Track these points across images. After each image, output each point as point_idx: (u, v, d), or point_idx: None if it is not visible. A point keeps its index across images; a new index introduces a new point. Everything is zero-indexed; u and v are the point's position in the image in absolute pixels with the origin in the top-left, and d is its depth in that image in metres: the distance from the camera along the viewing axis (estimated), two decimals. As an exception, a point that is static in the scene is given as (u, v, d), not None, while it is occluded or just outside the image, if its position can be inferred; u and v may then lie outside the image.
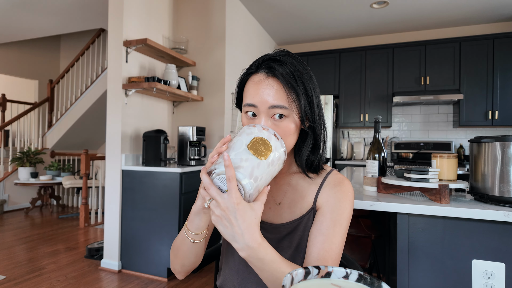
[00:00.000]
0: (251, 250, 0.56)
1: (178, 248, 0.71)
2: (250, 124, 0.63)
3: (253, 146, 0.59)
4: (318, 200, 0.73)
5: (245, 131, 0.62)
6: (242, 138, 0.60)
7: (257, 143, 0.59)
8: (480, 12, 3.56)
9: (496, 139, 0.97)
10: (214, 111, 3.02)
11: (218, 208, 0.56)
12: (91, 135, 5.52)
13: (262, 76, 0.68)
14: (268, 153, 0.59)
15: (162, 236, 2.40)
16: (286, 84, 0.66)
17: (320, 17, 3.76)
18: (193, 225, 0.66)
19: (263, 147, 0.59)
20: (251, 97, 0.68)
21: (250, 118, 0.69)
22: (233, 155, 0.58)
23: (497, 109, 3.52)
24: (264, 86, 0.67)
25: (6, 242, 3.23)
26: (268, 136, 0.61)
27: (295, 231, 0.73)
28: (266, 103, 0.66)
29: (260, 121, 0.67)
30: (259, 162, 0.58)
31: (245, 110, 0.70)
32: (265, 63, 0.69)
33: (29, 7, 3.80)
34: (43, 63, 6.21)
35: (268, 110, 0.66)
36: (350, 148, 4.16)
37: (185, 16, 3.17)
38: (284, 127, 0.67)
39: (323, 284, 0.41)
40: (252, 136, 0.60)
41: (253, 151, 0.58)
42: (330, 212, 0.70)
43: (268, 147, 0.60)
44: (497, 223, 0.93)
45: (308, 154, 0.73)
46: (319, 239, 0.67)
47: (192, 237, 0.67)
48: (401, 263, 1.02)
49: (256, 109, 0.67)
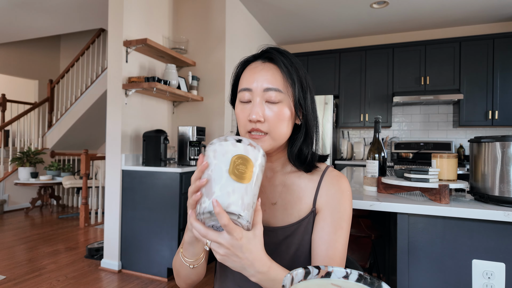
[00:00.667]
0: (262, 275, 0.55)
1: (178, 270, 0.70)
2: (221, 138, 0.57)
3: (233, 170, 0.54)
4: (318, 202, 0.71)
5: (219, 150, 0.55)
6: (219, 162, 0.54)
7: (236, 164, 0.54)
8: (480, 12, 3.56)
9: (496, 139, 0.97)
10: (214, 111, 3.02)
11: (221, 248, 0.54)
12: (91, 135, 5.52)
13: (258, 63, 0.69)
14: (250, 171, 0.55)
15: (162, 236, 2.40)
16: (283, 68, 0.67)
17: (320, 17, 3.76)
18: (189, 253, 0.64)
19: (244, 166, 0.55)
20: (247, 82, 0.67)
21: (245, 106, 0.68)
22: (218, 191, 0.53)
23: (497, 109, 3.52)
24: (260, 70, 0.67)
25: (6, 242, 3.23)
26: (245, 150, 0.56)
27: (294, 235, 0.71)
28: (260, 86, 0.65)
29: (254, 105, 0.65)
30: (246, 187, 0.54)
31: (240, 98, 0.68)
32: (261, 52, 0.70)
33: (29, 7, 3.80)
34: (43, 63, 6.21)
35: (263, 93, 0.65)
36: (350, 148, 4.16)
37: (185, 16, 3.17)
38: (278, 111, 0.66)
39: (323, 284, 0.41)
40: (229, 157, 0.54)
41: (235, 176, 0.54)
42: (330, 215, 0.69)
43: (249, 164, 0.55)
44: (497, 223, 0.93)
45: (300, 146, 0.72)
46: (322, 247, 0.67)
47: (190, 263, 0.65)
48: (401, 263, 1.02)
49: (251, 93, 0.66)
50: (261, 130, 0.66)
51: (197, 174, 0.55)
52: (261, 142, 0.66)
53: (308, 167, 0.73)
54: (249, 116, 0.66)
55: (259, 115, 0.65)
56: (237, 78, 0.73)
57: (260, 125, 0.66)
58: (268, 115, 0.65)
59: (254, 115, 0.64)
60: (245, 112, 0.67)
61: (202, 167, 0.54)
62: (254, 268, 0.55)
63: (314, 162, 0.74)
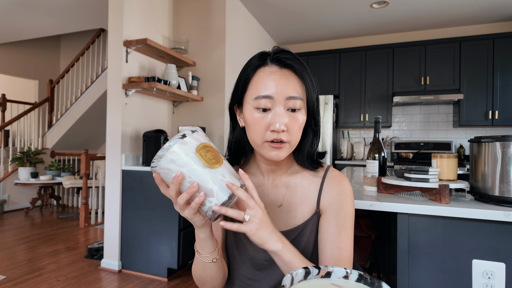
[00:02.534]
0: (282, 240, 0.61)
1: (203, 276, 0.70)
2: (164, 147, 0.55)
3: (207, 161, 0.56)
4: (321, 203, 0.72)
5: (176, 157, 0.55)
6: (188, 165, 0.55)
7: (204, 155, 0.56)
8: (480, 12, 3.56)
9: (496, 139, 0.97)
10: (214, 111, 3.02)
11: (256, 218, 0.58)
12: (91, 135, 5.52)
13: (274, 67, 0.66)
14: (216, 150, 0.59)
15: (162, 236, 2.40)
16: (301, 76, 0.66)
17: (320, 17, 3.76)
18: (207, 249, 0.66)
19: (209, 152, 0.57)
20: (265, 88, 0.64)
21: (263, 114, 0.65)
22: (213, 185, 0.55)
23: (497, 109, 3.51)
24: (280, 77, 0.65)
25: (6, 242, 3.23)
26: (197, 139, 0.57)
27: (300, 237, 0.72)
28: (283, 94, 0.64)
29: (276, 113, 0.64)
30: (225, 163, 0.59)
31: (256, 105, 0.65)
32: (275, 56, 0.67)
33: (29, 7, 3.80)
34: (43, 63, 6.21)
35: (285, 102, 0.64)
36: (350, 148, 4.16)
37: (185, 16, 3.17)
38: (298, 118, 0.66)
39: (323, 284, 0.41)
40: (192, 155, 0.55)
41: (212, 164, 0.56)
42: (334, 217, 0.70)
43: (209, 146, 0.58)
44: (497, 223, 0.93)
45: (309, 147, 0.73)
46: (328, 248, 0.68)
47: (212, 258, 0.67)
48: (401, 263, 1.02)
49: (272, 101, 0.64)
50: (284, 140, 0.64)
51: (175, 187, 0.55)
52: (280, 151, 0.66)
53: (315, 165, 0.74)
54: (271, 126, 0.64)
55: (284, 125, 0.63)
56: (246, 81, 0.68)
57: (283, 135, 0.64)
58: (289, 123, 0.65)
59: (279, 125, 0.63)
60: (264, 121, 0.64)
61: (177, 180, 0.55)
62: (276, 234, 0.60)
63: (318, 159, 0.76)
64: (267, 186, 0.76)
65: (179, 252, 2.36)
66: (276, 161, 0.70)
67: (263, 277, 0.74)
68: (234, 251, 0.77)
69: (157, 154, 0.55)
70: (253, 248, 0.74)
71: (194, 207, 0.56)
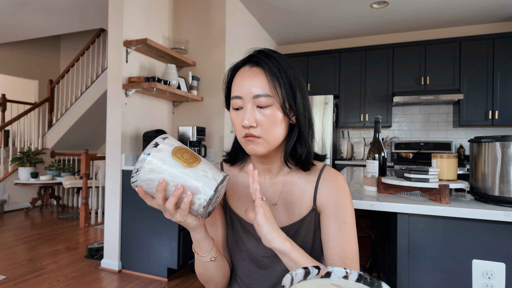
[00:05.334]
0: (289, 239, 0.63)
1: (204, 274, 0.73)
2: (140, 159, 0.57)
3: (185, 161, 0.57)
4: (318, 201, 0.73)
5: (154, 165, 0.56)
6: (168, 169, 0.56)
7: (181, 156, 0.58)
8: (480, 12, 3.56)
9: (496, 139, 0.97)
10: (214, 111, 3.02)
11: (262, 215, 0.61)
12: (91, 135, 5.52)
13: (246, 68, 0.70)
14: (191, 151, 0.60)
15: (162, 236, 2.40)
16: (269, 71, 0.67)
17: (320, 17, 3.76)
18: (204, 249, 0.68)
19: (186, 153, 0.59)
20: (237, 89, 0.69)
21: (238, 112, 0.70)
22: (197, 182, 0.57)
23: (497, 109, 3.51)
24: (247, 76, 0.68)
25: (6, 242, 3.23)
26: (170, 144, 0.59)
27: (297, 234, 0.73)
28: (250, 93, 0.67)
29: (245, 112, 0.68)
30: (203, 161, 0.60)
31: (232, 105, 0.71)
32: (251, 57, 0.71)
33: (29, 7, 3.80)
34: (43, 63, 6.21)
35: (253, 100, 0.67)
36: (350, 148, 4.16)
37: (185, 16, 3.17)
38: (269, 115, 0.67)
39: (323, 284, 0.41)
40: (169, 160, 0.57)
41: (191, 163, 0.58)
42: (332, 214, 0.71)
43: (185, 148, 0.60)
44: (497, 223, 0.93)
45: (294, 145, 0.73)
46: (331, 245, 0.70)
47: (210, 257, 0.69)
48: (401, 263, 1.02)
49: (242, 101, 0.68)
50: (254, 135, 0.68)
51: (161, 194, 0.57)
52: (255, 145, 0.68)
53: (304, 165, 0.74)
54: (242, 122, 0.68)
55: (251, 121, 0.67)
56: (229, 83, 0.74)
57: (253, 130, 0.67)
58: (259, 119, 0.67)
59: (246, 121, 0.67)
60: (239, 118, 0.69)
61: (161, 186, 0.56)
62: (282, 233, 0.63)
63: (310, 160, 0.75)
64: (265, 185, 0.77)
65: (179, 252, 2.36)
66: (261, 157, 0.73)
67: (262, 275, 0.75)
68: (233, 249, 0.79)
69: (135, 168, 0.56)
70: (252, 245, 0.75)
71: (184, 207, 0.58)
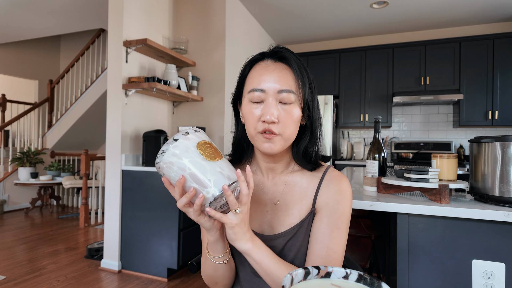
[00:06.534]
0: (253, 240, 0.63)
1: (214, 276, 0.71)
2: (167, 144, 0.57)
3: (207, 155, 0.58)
4: (317, 202, 0.72)
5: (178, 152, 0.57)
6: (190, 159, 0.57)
7: (205, 150, 0.58)
8: (480, 12, 3.56)
9: (496, 139, 0.97)
10: (214, 111, 3.02)
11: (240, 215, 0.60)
12: (91, 135, 5.52)
13: (269, 61, 0.68)
14: (216, 148, 0.61)
15: (162, 236, 2.40)
16: (297, 69, 0.66)
17: (320, 17, 3.76)
18: (218, 251, 0.67)
19: (210, 148, 0.60)
20: (258, 82, 0.66)
21: (256, 106, 0.66)
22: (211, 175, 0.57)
23: (497, 109, 3.51)
24: (273, 70, 0.66)
25: (6, 242, 3.23)
26: (199, 136, 0.60)
27: (295, 238, 0.72)
28: (274, 88, 0.65)
29: (268, 106, 0.65)
30: (224, 159, 0.61)
31: (250, 98, 0.67)
32: (272, 50, 0.69)
33: (29, 7, 3.80)
34: (43, 63, 6.21)
35: (276, 94, 0.65)
36: (350, 148, 4.16)
37: (185, 16, 3.17)
38: (291, 111, 0.66)
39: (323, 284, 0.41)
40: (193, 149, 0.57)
41: (212, 158, 0.58)
42: (327, 216, 0.69)
43: (210, 144, 0.61)
44: (497, 223, 0.93)
45: (306, 145, 0.72)
46: (316, 247, 0.68)
47: (223, 260, 0.68)
48: (401, 263, 1.02)
49: (265, 95, 0.65)
50: (274, 131, 0.65)
51: (180, 190, 0.57)
52: (273, 143, 0.66)
53: (313, 165, 0.74)
54: (262, 117, 0.65)
55: (274, 116, 0.64)
56: (244, 77, 0.71)
57: (274, 126, 0.65)
58: (281, 116, 0.65)
59: (269, 116, 0.64)
60: (257, 113, 0.66)
61: (179, 182, 0.56)
62: (250, 234, 0.63)
63: (318, 161, 0.75)
64: (267, 184, 0.76)
65: (179, 252, 2.36)
66: (271, 155, 0.71)
67: (259, 280, 0.74)
68: (234, 251, 0.77)
69: (161, 149, 0.58)
70: None
71: (196, 209, 0.58)
